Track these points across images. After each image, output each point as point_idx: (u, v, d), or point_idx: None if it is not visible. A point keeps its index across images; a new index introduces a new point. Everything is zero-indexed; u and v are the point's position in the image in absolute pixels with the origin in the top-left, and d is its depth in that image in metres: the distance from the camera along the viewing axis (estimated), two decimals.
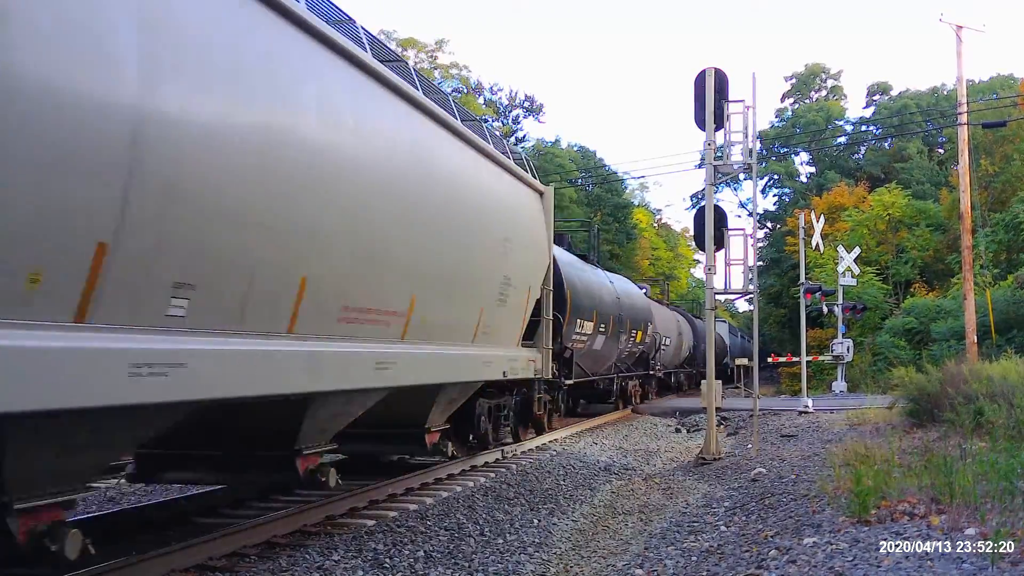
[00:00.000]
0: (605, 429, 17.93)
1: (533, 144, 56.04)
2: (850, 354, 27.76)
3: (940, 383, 12.79)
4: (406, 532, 7.51)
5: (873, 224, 38.67)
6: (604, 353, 18.88)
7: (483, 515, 8.56)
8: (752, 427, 15.42)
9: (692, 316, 38.33)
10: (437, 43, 52.41)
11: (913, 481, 6.95)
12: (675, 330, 30.92)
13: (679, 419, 20.75)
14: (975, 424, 10.34)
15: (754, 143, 13.88)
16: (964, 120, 22.90)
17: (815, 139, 53.37)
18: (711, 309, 13.78)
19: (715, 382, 13.65)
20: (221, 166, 4.98)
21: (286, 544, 6.88)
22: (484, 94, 56.27)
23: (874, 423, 15.04)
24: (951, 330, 26.47)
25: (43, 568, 4.93)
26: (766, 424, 17.69)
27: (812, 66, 62.08)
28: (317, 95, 6.14)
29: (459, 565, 6.80)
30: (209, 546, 6.28)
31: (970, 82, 35.14)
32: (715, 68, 13.25)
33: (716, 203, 13.50)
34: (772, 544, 6.37)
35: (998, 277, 28.68)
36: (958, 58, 22.35)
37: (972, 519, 5.49)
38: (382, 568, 6.48)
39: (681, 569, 6.49)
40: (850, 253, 27.85)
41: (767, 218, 58.64)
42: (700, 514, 8.87)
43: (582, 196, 53.14)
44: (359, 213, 6.72)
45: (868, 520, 6.07)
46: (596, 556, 7.52)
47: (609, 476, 11.81)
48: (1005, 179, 34.51)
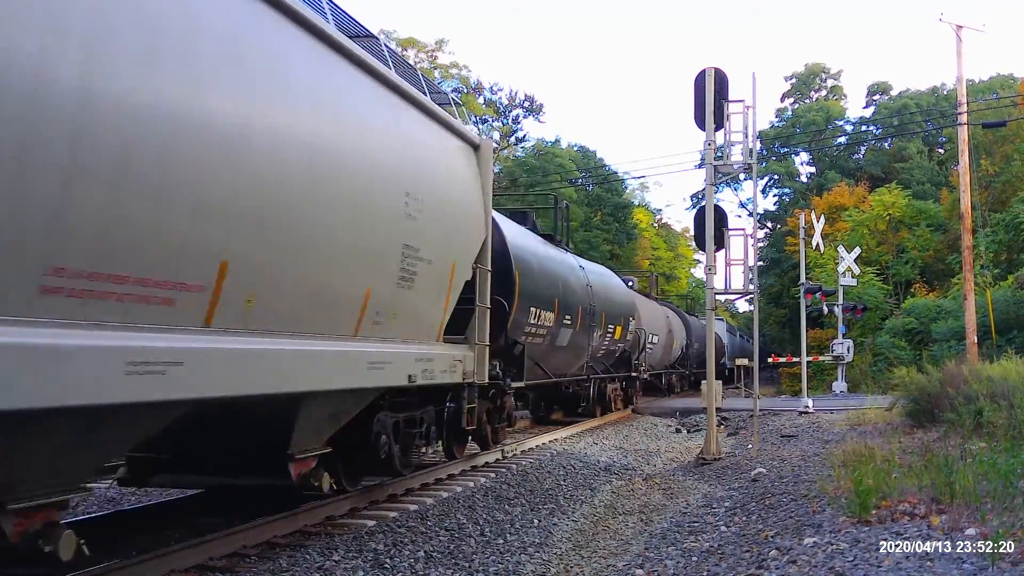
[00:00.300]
0: (605, 429, 17.92)
1: (533, 144, 56.07)
2: (850, 354, 27.77)
3: (940, 383, 12.80)
4: (406, 532, 7.51)
5: (873, 224, 38.67)
6: (571, 350, 15.93)
7: (483, 515, 8.56)
8: (752, 427, 15.42)
9: (686, 313, 36.70)
10: (437, 43, 52.42)
11: (913, 481, 6.96)
12: (664, 327, 28.40)
13: (679, 419, 20.75)
14: (975, 424, 10.35)
15: (754, 143, 13.88)
16: (964, 120, 22.90)
17: (815, 139, 53.37)
18: (711, 309, 13.78)
19: (715, 382, 13.66)
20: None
21: (286, 544, 6.88)
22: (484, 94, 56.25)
23: (874, 423, 15.05)
24: (951, 330, 26.48)
25: (43, 568, 4.93)
26: (766, 424, 17.70)
27: (812, 66, 62.08)
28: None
29: (459, 565, 6.80)
30: (209, 546, 6.28)
31: (970, 82, 35.16)
32: (715, 68, 13.25)
33: (716, 203, 13.50)
34: (772, 544, 6.37)
35: (998, 277, 28.68)
36: (958, 58, 22.36)
37: (972, 519, 5.49)
38: (382, 568, 6.48)
39: (681, 569, 6.49)
40: (850, 253, 27.87)
41: (767, 218, 58.65)
42: (700, 514, 8.87)
43: (582, 196, 53.13)
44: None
45: (868, 520, 6.07)
46: (596, 556, 7.52)
47: (609, 476, 11.81)
48: (1005, 179, 34.52)
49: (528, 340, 13.11)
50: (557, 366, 15.55)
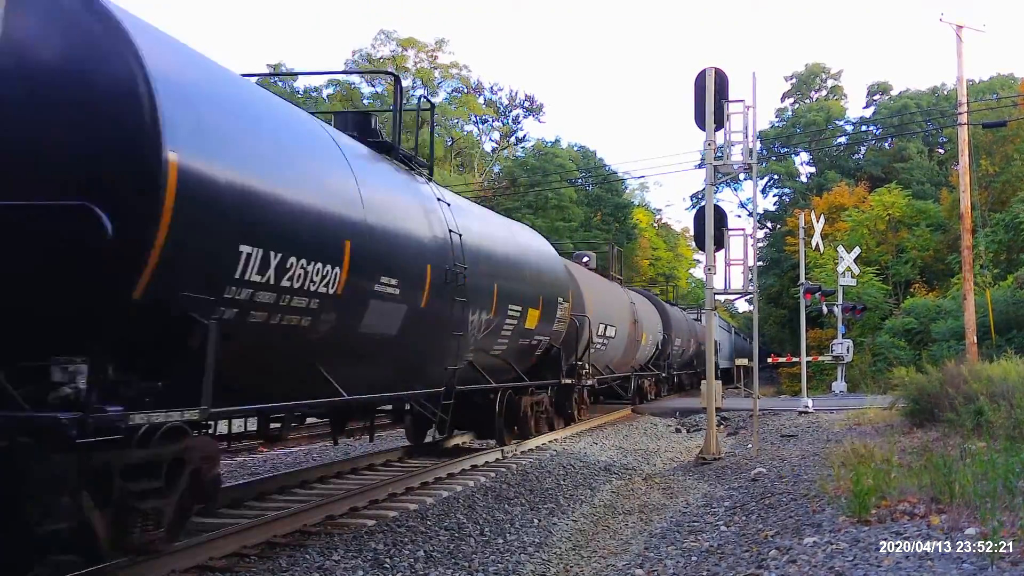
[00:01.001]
0: (605, 429, 17.92)
1: (533, 144, 56.10)
2: (850, 354, 27.78)
3: (940, 383, 12.80)
4: (406, 532, 7.51)
5: (873, 224, 38.66)
6: (402, 342, 8.62)
7: (483, 515, 8.56)
8: (752, 427, 15.42)
9: (666, 303, 29.83)
10: (437, 43, 52.54)
11: (913, 481, 6.96)
12: (626, 317, 21.24)
13: (679, 419, 20.76)
14: (975, 424, 10.35)
15: (754, 143, 13.90)
16: (964, 120, 22.89)
17: (815, 139, 53.34)
18: (711, 309, 13.78)
19: (715, 382, 13.67)
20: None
21: (286, 544, 6.88)
22: (484, 94, 56.31)
23: (874, 423, 15.05)
24: (951, 330, 26.48)
25: (44, 568, 4.93)
26: (766, 424, 17.70)
27: (812, 66, 62.04)
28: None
29: (459, 565, 6.80)
30: (209, 546, 6.28)
31: (970, 82, 35.10)
32: (715, 68, 13.26)
33: (716, 203, 13.51)
34: (772, 544, 6.37)
35: (998, 277, 28.69)
36: (958, 58, 22.34)
37: (972, 519, 5.49)
38: (382, 568, 6.48)
39: (681, 569, 6.49)
40: (850, 253, 27.88)
41: (767, 218, 58.59)
42: (700, 514, 8.87)
43: (582, 196, 53.15)
44: None
45: (868, 520, 6.07)
46: (596, 556, 7.52)
47: (609, 476, 11.81)
48: (1005, 179, 34.53)
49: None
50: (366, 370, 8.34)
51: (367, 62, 50.95)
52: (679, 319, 30.84)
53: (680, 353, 31.11)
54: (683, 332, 31.20)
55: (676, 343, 29.39)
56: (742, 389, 31.01)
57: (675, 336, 28.89)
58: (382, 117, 9.78)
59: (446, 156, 50.97)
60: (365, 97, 50.86)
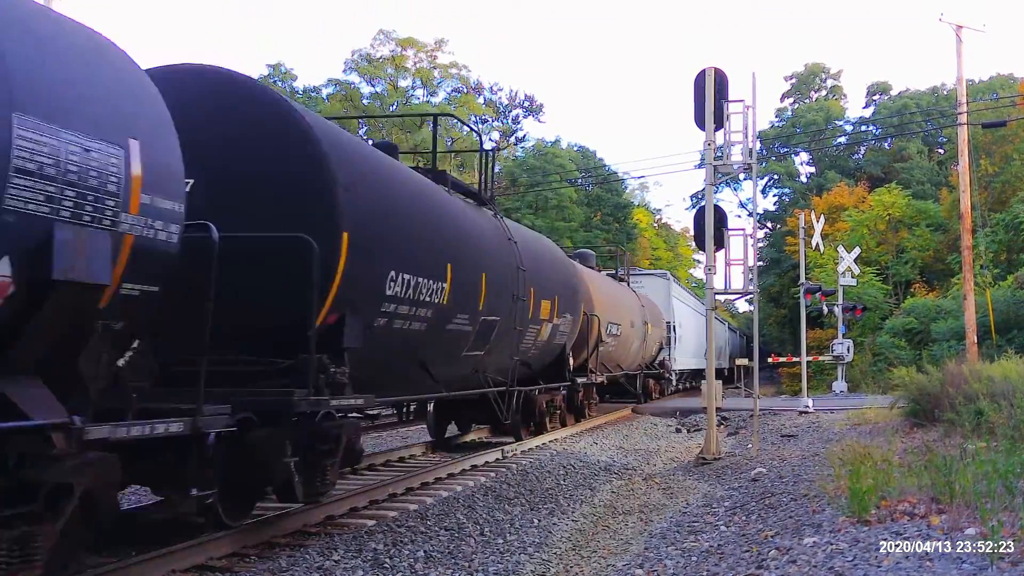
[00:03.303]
0: (605, 429, 17.92)
1: (533, 144, 56.07)
2: (850, 354, 27.78)
3: (940, 383, 12.79)
4: (406, 532, 7.51)
5: (873, 224, 38.67)
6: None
7: (483, 515, 8.56)
8: (752, 427, 15.42)
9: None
10: (436, 43, 52.45)
11: (913, 481, 6.95)
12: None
13: (679, 419, 20.75)
14: (975, 424, 10.33)
15: (754, 143, 13.89)
16: (964, 120, 22.90)
17: (815, 139, 53.36)
18: (711, 309, 13.78)
19: (715, 382, 13.66)
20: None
21: (286, 544, 6.88)
22: (484, 94, 56.27)
23: (874, 423, 15.04)
24: (951, 330, 26.47)
25: None
26: (766, 424, 17.69)
27: (812, 66, 62.03)
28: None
29: (459, 565, 6.80)
30: (209, 546, 6.28)
31: (970, 82, 35.14)
32: (715, 68, 13.25)
33: (716, 203, 13.51)
34: (772, 544, 6.37)
35: (998, 277, 28.69)
36: (958, 58, 22.35)
37: (972, 519, 5.49)
38: (382, 568, 6.48)
39: (681, 569, 6.49)
40: (850, 253, 27.88)
41: (767, 218, 58.61)
42: (700, 514, 8.87)
43: (582, 196, 53.13)
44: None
45: (868, 520, 6.07)
46: (596, 556, 7.52)
47: (609, 476, 11.81)
48: (1005, 179, 34.54)
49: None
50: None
51: (366, 62, 50.88)
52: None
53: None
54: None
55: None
56: (742, 389, 31.02)
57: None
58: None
59: (446, 156, 50.91)
60: (365, 97, 50.84)
